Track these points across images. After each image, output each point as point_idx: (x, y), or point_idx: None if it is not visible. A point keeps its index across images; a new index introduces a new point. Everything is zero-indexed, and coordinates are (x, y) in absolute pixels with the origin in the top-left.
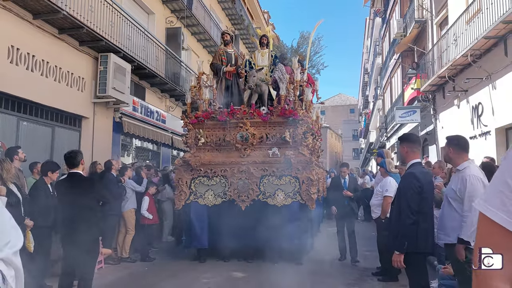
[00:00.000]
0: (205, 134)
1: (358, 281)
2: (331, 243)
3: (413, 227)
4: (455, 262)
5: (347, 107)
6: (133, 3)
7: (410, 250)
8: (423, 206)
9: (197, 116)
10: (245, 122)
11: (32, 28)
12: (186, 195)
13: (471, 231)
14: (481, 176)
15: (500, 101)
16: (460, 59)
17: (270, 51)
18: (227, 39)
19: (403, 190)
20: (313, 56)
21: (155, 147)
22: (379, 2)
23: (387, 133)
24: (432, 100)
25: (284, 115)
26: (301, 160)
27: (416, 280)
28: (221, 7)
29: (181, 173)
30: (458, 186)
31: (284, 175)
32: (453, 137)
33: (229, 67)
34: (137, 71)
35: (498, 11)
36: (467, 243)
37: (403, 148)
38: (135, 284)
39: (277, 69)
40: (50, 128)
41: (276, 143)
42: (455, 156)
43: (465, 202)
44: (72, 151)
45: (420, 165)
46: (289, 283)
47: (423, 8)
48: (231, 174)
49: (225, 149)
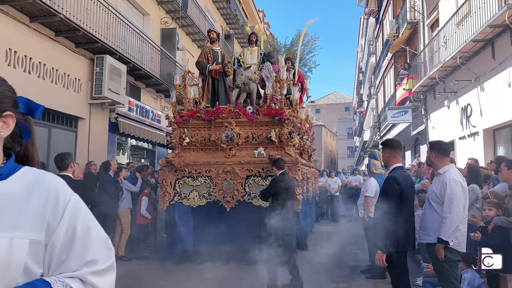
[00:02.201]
0: (190, 134)
1: (347, 279)
2: (323, 243)
3: (394, 227)
4: (435, 261)
5: (342, 105)
6: (128, 5)
7: (391, 250)
8: (403, 208)
9: (181, 116)
10: (230, 121)
11: (29, 31)
12: (170, 196)
13: (450, 231)
14: (460, 179)
15: (488, 103)
16: (449, 61)
17: (260, 49)
18: (213, 36)
19: (385, 193)
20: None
21: (150, 147)
22: (372, 2)
23: (380, 132)
24: (424, 100)
25: (270, 114)
26: (287, 160)
27: (398, 278)
28: (216, 6)
29: (165, 174)
30: (438, 188)
31: (270, 176)
32: (435, 142)
33: (215, 65)
34: (133, 72)
35: (486, 14)
36: (446, 243)
37: (385, 153)
38: (130, 282)
39: (264, 67)
40: (47, 128)
41: (262, 143)
42: (436, 160)
43: (445, 204)
44: (61, 153)
45: (402, 169)
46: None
47: (415, 10)
48: (216, 174)
49: (210, 149)
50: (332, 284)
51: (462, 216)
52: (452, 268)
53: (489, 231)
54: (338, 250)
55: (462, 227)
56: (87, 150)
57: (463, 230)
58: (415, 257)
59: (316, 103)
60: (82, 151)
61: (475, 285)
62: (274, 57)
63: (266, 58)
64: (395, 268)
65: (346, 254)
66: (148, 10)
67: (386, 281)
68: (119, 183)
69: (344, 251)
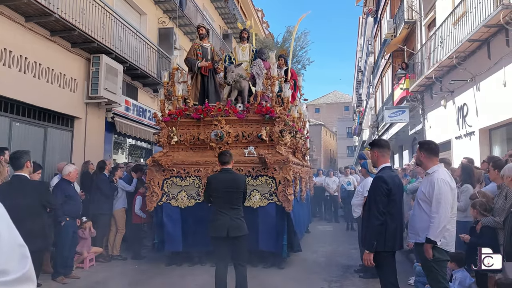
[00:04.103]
0: (179, 133)
1: (340, 278)
2: (317, 242)
3: (381, 227)
4: (424, 261)
5: (342, 104)
6: (125, 4)
7: (379, 249)
8: (391, 208)
9: (170, 114)
10: (220, 119)
11: (24, 30)
12: (158, 196)
13: (438, 231)
14: (449, 179)
15: (484, 103)
16: (446, 60)
17: (252, 45)
18: (203, 32)
19: (373, 192)
20: (299, 51)
21: (148, 146)
22: (371, 2)
23: (379, 131)
24: (421, 100)
25: (260, 112)
26: (278, 159)
27: (386, 277)
28: (214, 6)
29: (152, 173)
30: (427, 188)
31: (260, 175)
32: (425, 142)
33: (204, 62)
34: (129, 72)
35: (481, 14)
36: (434, 243)
37: (374, 153)
38: (124, 281)
39: (255, 64)
40: (43, 128)
41: (252, 142)
42: (425, 160)
43: (433, 204)
44: (17, 151)
45: (389, 169)
46: (273, 281)
47: (412, 10)
48: (205, 174)
49: (199, 148)
50: (325, 283)
51: (450, 215)
52: (441, 267)
53: (477, 231)
54: (332, 250)
55: (450, 227)
56: (83, 150)
57: (451, 230)
58: (409, 256)
59: (315, 103)
60: (79, 151)
61: (466, 284)
62: (266, 54)
63: (257, 55)
64: (384, 268)
65: (340, 253)
66: (145, 9)
67: (378, 280)
68: (114, 183)
69: (338, 251)
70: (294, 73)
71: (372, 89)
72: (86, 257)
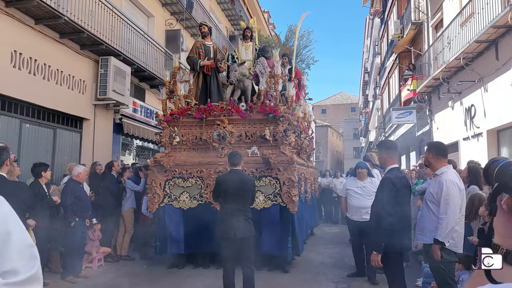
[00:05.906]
0: (181, 133)
1: (347, 279)
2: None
3: (389, 228)
4: (432, 262)
5: (348, 105)
6: (133, 7)
7: (386, 250)
8: (398, 209)
9: (171, 113)
10: (222, 119)
11: (34, 33)
12: (160, 197)
13: (446, 232)
14: (457, 181)
15: (492, 104)
16: (453, 61)
17: (255, 44)
18: (205, 30)
19: (380, 194)
20: (302, 50)
21: (155, 147)
22: (378, 3)
23: (385, 132)
24: (428, 101)
25: (264, 111)
26: (282, 160)
27: (394, 277)
28: (220, 8)
29: (154, 174)
30: (435, 189)
31: (264, 176)
32: (433, 143)
33: (207, 60)
34: (137, 73)
35: (489, 15)
36: (442, 244)
37: (382, 154)
38: (132, 281)
39: (258, 62)
40: (52, 130)
41: (255, 142)
42: (434, 161)
43: (441, 205)
44: None
45: (397, 170)
46: (280, 282)
47: (419, 10)
48: (208, 175)
49: (202, 149)
50: (332, 284)
51: (459, 217)
52: (449, 268)
53: (485, 233)
54: (340, 251)
55: (459, 228)
56: (91, 150)
57: (460, 231)
58: (417, 258)
59: (322, 104)
60: (87, 152)
61: None
62: (269, 52)
63: (261, 53)
64: (392, 269)
65: (347, 255)
66: (153, 11)
67: (385, 281)
68: (122, 183)
69: (345, 252)
70: (298, 72)
71: (379, 90)
72: (95, 257)
